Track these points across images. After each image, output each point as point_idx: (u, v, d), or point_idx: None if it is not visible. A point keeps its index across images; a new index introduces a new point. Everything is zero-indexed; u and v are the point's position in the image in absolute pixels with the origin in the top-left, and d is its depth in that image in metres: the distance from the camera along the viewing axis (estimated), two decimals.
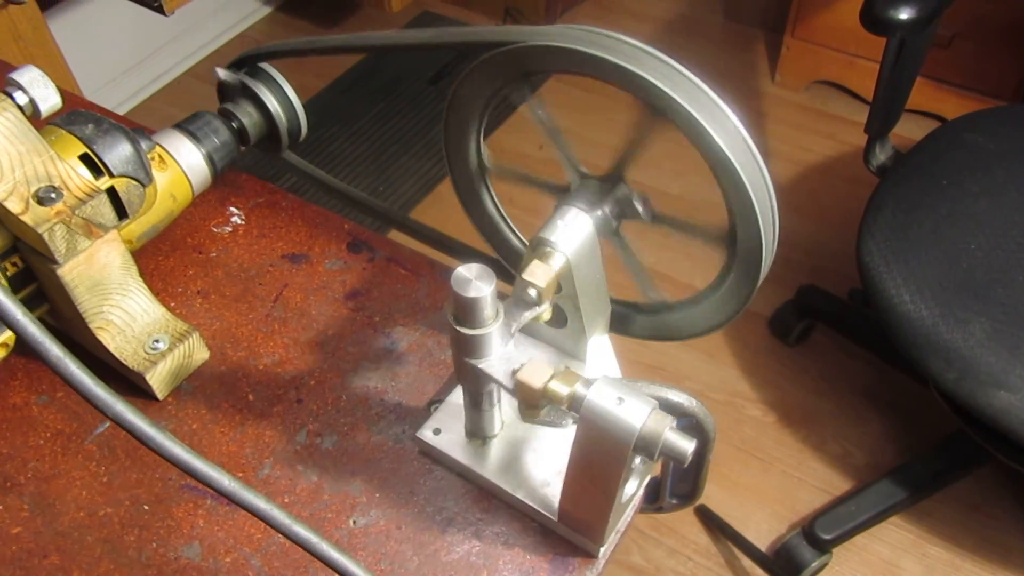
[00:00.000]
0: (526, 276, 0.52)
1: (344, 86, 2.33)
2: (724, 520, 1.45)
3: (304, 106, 0.75)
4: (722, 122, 0.48)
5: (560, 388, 0.48)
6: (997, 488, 1.49)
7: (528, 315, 0.53)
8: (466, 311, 0.49)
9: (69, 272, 0.58)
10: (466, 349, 0.51)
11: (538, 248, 0.55)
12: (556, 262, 0.54)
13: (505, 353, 0.52)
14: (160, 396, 0.64)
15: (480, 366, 0.52)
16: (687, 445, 0.45)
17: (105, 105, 0.82)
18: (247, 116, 0.74)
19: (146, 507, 0.59)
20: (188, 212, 0.76)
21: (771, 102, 2.19)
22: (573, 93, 2.19)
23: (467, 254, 0.73)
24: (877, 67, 1.17)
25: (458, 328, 0.50)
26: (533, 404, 0.51)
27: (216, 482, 0.42)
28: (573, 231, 0.55)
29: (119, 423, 0.40)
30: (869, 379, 1.64)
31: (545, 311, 0.54)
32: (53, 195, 0.55)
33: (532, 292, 0.52)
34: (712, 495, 1.50)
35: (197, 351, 0.65)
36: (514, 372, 0.50)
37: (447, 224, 0.70)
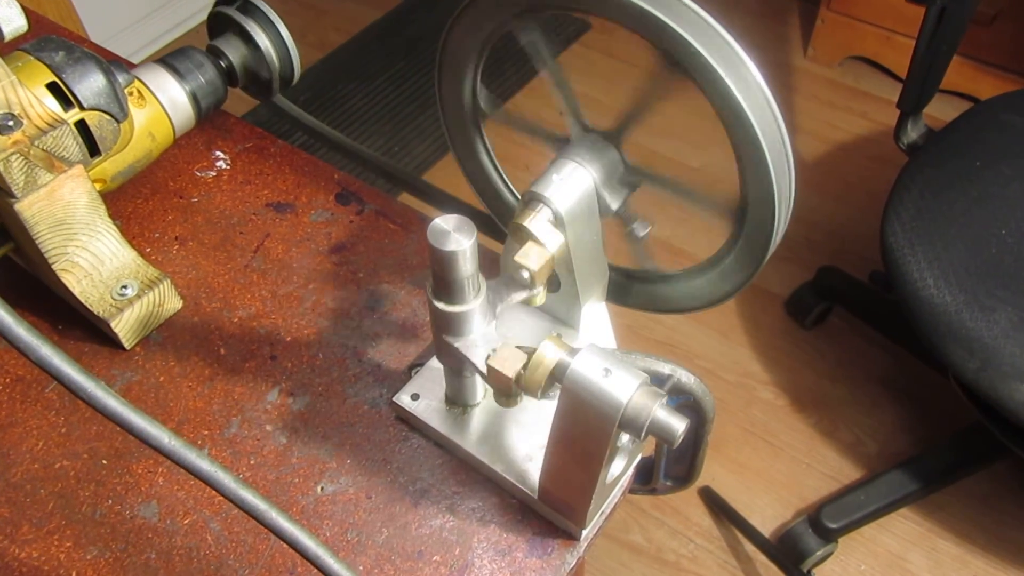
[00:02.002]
0: (519, 259, 0.48)
1: (363, 42, 2.27)
2: (728, 503, 1.41)
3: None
4: (739, 71, 0.44)
5: (533, 375, 0.44)
6: (1012, 484, 1.44)
7: (518, 297, 0.49)
8: (444, 265, 0.45)
9: (28, 208, 0.54)
10: (445, 326, 0.48)
11: (530, 203, 0.50)
12: (551, 237, 0.49)
13: (487, 334, 0.48)
14: (127, 345, 0.60)
15: (457, 345, 0.48)
16: (678, 425, 0.41)
17: (120, 52, 0.78)
18: (236, 55, 0.70)
19: (104, 461, 0.56)
20: (171, 154, 0.72)
21: (801, 77, 2.12)
22: (592, 57, 2.13)
23: (473, 217, 0.68)
24: (914, 43, 1.11)
25: (437, 304, 0.46)
26: (506, 393, 0.47)
27: (154, 439, 0.38)
28: (569, 186, 0.50)
29: (45, 369, 0.36)
30: (886, 366, 1.59)
31: (538, 294, 0.50)
32: (11, 123, 0.51)
33: (524, 275, 0.48)
34: (718, 477, 1.46)
35: (168, 300, 0.62)
36: (487, 357, 0.47)
37: (461, 189, 0.66)
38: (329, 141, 0.78)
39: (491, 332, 0.49)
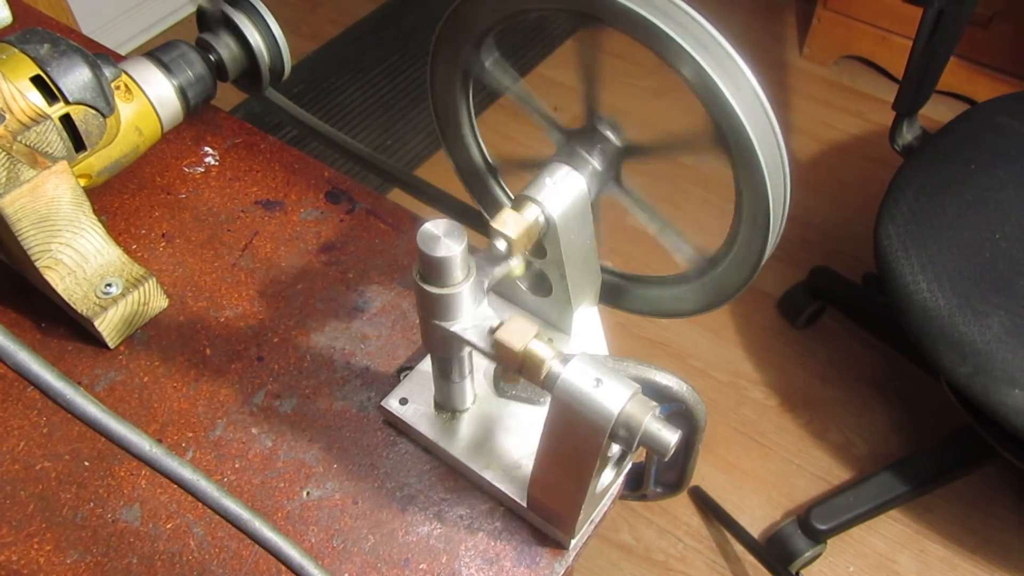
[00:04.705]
0: (496, 225, 0.47)
1: (357, 35, 2.26)
2: (718, 503, 1.41)
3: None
4: (732, 73, 0.43)
5: (544, 351, 0.43)
6: (1002, 487, 1.44)
7: (499, 271, 0.48)
8: (434, 270, 0.44)
9: (11, 204, 0.53)
10: (434, 310, 0.46)
11: (522, 208, 0.49)
12: (538, 220, 0.49)
13: (479, 314, 0.47)
14: (111, 344, 0.59)
15: (453, 329, 0.46)
16: (670, 437, 0.40)
17: (108, 42, 0.76)
18: (226, 49, 0.68)
19: (87, 463, 0.55)
20: (159, 149, 0.71)
21: (797, 76, 2.11)
22: None
23: (465, 213, 0.67)
24: (910, 44, 1.10)
25: (425, 286, 0.45)
26: (515, 367, 0.45)
27: (135, 447, 0.37)
28: (562, 190, 0.49)
29: (23, 375, 0.35)
30: (877, 368, 1.59)
31: (517, 266, 0.49)
32: None
33: (501, 244, 0.47)
34: (708, 477, 1.46)
35: (154, 298, 0.61)
36: (492, 330, 0.45)
37: (454, 185, 0.65)
38: (320, 136, 0.77)
39: (483, 311, 0.47)
